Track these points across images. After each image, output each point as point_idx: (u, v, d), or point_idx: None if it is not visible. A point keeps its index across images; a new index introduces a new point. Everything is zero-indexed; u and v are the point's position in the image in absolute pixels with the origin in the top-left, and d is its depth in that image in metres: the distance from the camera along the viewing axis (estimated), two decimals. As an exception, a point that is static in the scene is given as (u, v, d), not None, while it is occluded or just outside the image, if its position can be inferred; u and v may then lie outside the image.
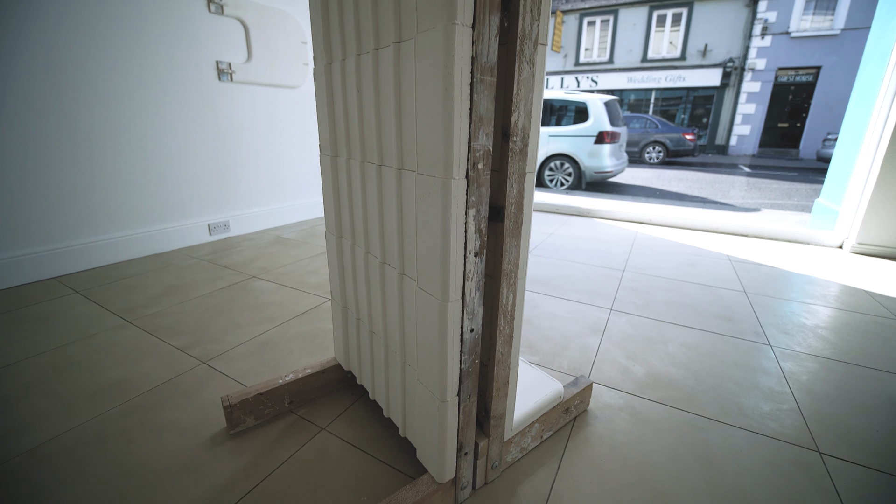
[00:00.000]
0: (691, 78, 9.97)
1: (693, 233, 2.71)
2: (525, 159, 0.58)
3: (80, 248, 1.85)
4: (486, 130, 0.52)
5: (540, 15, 0.52)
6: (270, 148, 2.60)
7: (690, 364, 1.19)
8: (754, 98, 9.47)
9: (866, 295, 1.72)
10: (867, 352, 1.27)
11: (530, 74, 0.53)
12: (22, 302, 1.55)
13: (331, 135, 0.80)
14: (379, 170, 0.66)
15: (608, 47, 10.88)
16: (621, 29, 10.55)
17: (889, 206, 2.22)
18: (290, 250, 2.19)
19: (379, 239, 0.71)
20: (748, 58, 9.37)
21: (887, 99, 2.21)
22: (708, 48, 9.69)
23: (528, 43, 0.52)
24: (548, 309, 1.52)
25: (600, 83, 11.16)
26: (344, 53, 0.70)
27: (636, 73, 10.59)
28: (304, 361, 1.17)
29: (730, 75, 9.61)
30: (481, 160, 0.53)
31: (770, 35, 9.14)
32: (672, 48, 10.19)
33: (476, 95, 0.49)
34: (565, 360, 1.20)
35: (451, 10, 0.45)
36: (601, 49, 11.03)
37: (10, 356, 1.19)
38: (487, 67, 0.49)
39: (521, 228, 0.61)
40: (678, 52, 10.06)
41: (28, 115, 1.65)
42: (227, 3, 2.20)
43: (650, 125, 8.58)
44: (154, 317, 1.43)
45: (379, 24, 0.59)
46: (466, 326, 0.61)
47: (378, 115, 0.64)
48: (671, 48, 10.18)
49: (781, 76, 9.30)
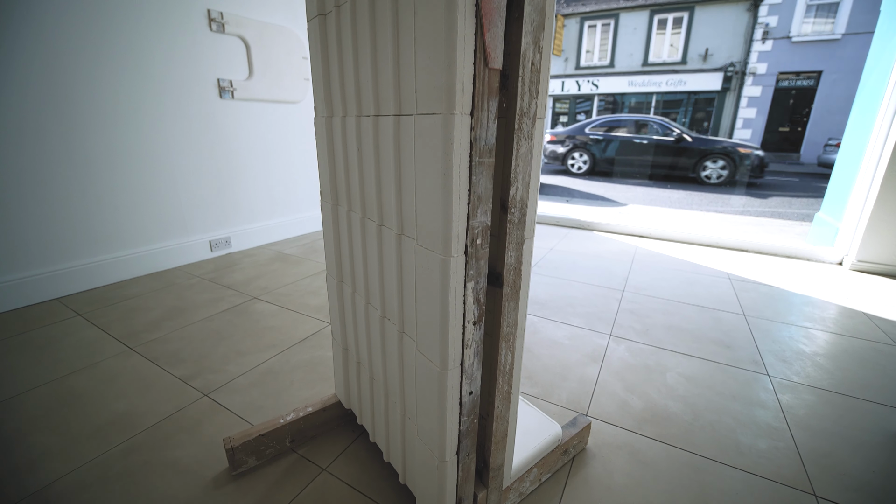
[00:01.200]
0: (692, 82, 9.97)
1: (693, 248, 2.71)
2: (523, 228, 0.59)
3: (82, 269, 1.87)
4: (484, 208, 0.53)
5: (538, 93, 0.53)
6: (271, 163, 2.61)
7: (688, 397, 1.19)
8: (755, 102, 9.46)
9: (864, 318, 1.72)
10: (864, 382, 1.28)
11: (528, 149, 0.54)
12: (26, 325, 1.56)
13: (331, 185, 0.81)
14: (379, 229, 0.67)
15: (609, 51, 10.88)
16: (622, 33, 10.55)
17: (889, 224, 2.23)
18: (290, 268, 2.20)
19: (379, 293, 0.72)
20: (749, 62, 9.36)
21: (887, 117, 2.22)
22: (709, 52, 9.69)
23: (527, 120, 0.53)
24: (547, 335, 1.53)
25: (601, 87, 11.16)
26: (345, 111, 0.71)
27: (637, 76, 10.59)
28: (305, 394, 1.18)
29: (731, 79, 9.60)
30: (480, 236, 0.53)
31: (771, 39, 9.13)
32: (673, 52, 10.19)
33: (475, 177, 0.50)
34: (564, 393, 1.20)
35: (451, 100, 0.45)
36: (602, 53, 11.03)
37: (16, 386, 1.20)
38: (486, 149, 0.50)
39: (519, 292, 0.62)
40: (679, 56, 10.06)
41: (29, 137, 1.66)
42: (228, 21, 2.21)
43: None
44: (156, 343, 1.44)
45: (379, 94, 0.60)
46: (465, 390, 0.61)
47: (378, 178, 0.64)
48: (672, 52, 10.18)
49: (782, 80, 9.29)
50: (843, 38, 8.67)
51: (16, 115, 1.61)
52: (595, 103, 11.85)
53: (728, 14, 9.23)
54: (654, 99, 10.82)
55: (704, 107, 10.23)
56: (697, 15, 9.56)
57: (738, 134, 9.69)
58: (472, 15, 0.44)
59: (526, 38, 0.49)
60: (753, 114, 9.56)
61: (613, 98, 11.50)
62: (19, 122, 1.62)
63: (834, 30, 8.81)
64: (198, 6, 2.09)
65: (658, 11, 9.90)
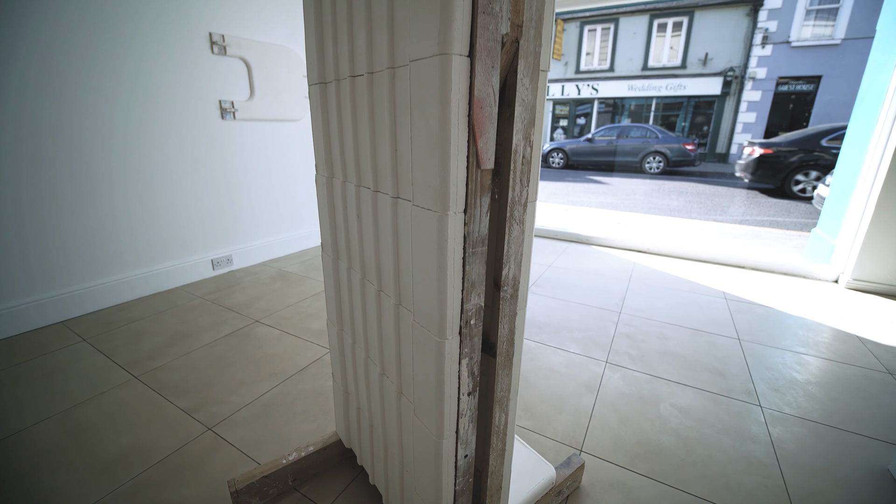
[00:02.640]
0: (692, 86, 9.98)
1: (690, 264, 2.74)
2: (516, 301, 0.61)
3: (85, 292, 1.90)
4: (477, 291, 0.55)
5: (529, 182, 0.55)
6: (272, 181, 2.64)
7: (681, 430, 1.22)
8: (755, 107, 9.47)
9: (858, 341, 1.75)
10: (855, 414, 1.30)
11: (520, 232, 0.57)
12: (33, 351, 1.59)
13: (332, 240, 0.84)
14: (378, 295, 0.70)
15: (609, 55, 10.90)
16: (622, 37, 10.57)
17: (884, 243, 2.25)
18: (291, 287, 2.23)
19: (378, 352, 0.74)
20: (749, 66, 9.38)
21: (883, 135, 2.24)
22: (708, 57, 9.70)
23: (518, 207, 0.55)
24: (544, 362, 1.55)
25: (601, 91, 11.18)
26: (345, 177, 0.74)
27: (637, 81, 10.60)
28: (306, 428, 1.20)
29: (730, 84, 9.62)
30: (473, 317, 0.56)
31: (771, 44, 9.14)
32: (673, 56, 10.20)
33: (468, 266, 0.52)
34: (560, 426, 1.23)
35: (445, 201, 0.48)
36: (602, 57, 11.05)
37: (24, 419, 1.22)
38: (479, 240, 0.53)
39: (512, 360, 0.65)
40: (679, 61, 10.07)
41: (32, 162, 1.69)
42: (229, 44, 2.23)
43: (650, 135, 8.60)
44: (160, 371, 1.47)
45: (378, 173, 0.62)
46: (461, 454, 0.64)
47: (377, 249, 0.67)
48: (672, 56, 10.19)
49: (782, 85, 9.31)
50: (843, 43, 8.68)
51: (19, 140, 1.64)
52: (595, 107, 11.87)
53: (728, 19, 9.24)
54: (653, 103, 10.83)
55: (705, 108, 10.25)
56: (697, 19, 9.57)
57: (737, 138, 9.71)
58: (464, 125, 0.46)
59: (517, 135, 0.51)
60: (753, 118, 9.58)
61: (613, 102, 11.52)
62: (22, 147, 1.65)
63: (833, 34, 8.82)
64: (199, 30, 2.12)
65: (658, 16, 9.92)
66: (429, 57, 0.44)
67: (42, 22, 1.63)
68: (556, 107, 12.38)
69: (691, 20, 9.64)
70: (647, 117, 11.36)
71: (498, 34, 0.45)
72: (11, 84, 1.59)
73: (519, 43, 0.47)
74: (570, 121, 12.49)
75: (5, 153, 1.61)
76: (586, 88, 11.41)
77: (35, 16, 1.61)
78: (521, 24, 0.46)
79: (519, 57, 0.48)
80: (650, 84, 10.49)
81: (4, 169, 1.61)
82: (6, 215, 1.64)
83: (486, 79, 0.45)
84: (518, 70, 0.48)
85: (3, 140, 1.60)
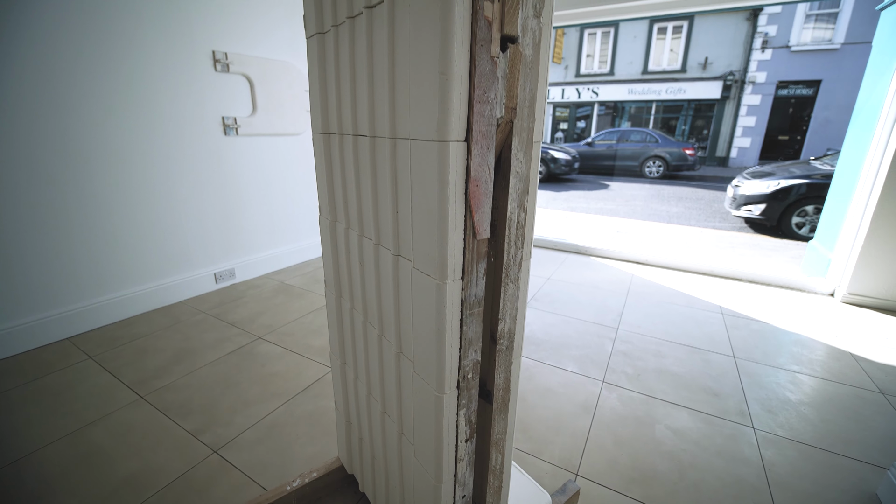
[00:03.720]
0: (692, 90, 10.01)
1: (688, 276, 2.76)
2: (511, 352, 0.64)
3: (92, 308, 1.93)
4: (474, 347, 0.58)
5: (524, 244, 0.58)
6: (273, 194, 2.67)
7: (675, 452, 1.25)
8: (754, 111, 9.50)
9: (851, 359, 1.77)
10: (846, 436, 1.33)
11: (515, 289, 0.60)
12: (41, 370, 1.62)
13: (335, 279, 0.87)
14: (380, 339, 0.73)
15: (609, 59, 10.93)
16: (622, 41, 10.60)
17: (880, 257, 2.28)
18: (293, 301, 2.26)
19: (380, 390, 0.77)
20: (748, 71, 9.41)
21: (878, 149, 2.26)
22: (708, 61, 9.73)
23: (513, 267, 0.58)
24: (542, 381, 1.58)
25: (601, 94, 11.21)
26: (347, 223, 0.77)
27: (637, 84, 10.64)
28: (309, 451, 1.23)
29: (730, 88, 9.65)
30: (471, 370, 0.59)
31: (770, 48, 9.17)
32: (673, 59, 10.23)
33: (466, 326, 0.55)
34: (556, 448, 1.26)
35: (443, 271, 0.51)
36: (602, 61, 11.08)
37: (34, 441, 1.25)
38: (476, 302, 0.55)
39: (508, 405, 0.68)
40: (679, 65, 10.10)
41: (40, 181, 1.72)
42: (232, 61, 2.27)
43: (650, 139, 8.63)
44: (165, 391, 1.50)
45: (380, 233, 0.65)
46: (458, 495, 0.67)
47: (379, 295, 0.70)
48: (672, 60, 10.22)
49: (782, 89, 9.33)
50: (843, 47, 8.70)
51: (24, 158, 1.67)
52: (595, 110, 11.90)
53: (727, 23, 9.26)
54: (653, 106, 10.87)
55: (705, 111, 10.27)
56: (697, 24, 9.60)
57: (737, 142, 9.74)
58: (461, 201, 0.49)
59: (511, 203, 0.54)
60: (753, 122, 9.60)
61: (614, 105, 11.55)
62: (28, 164, 1.68)
63: (833, 39, 8.84)
64: (203, 48, 2.15)
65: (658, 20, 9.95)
66: (428, 140, 0.47)
67: (49, 42, 1.66)
68: (556, 110, 12.41)
69: (691, 24, 9.67)
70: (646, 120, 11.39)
71: (493, 119, 0.48)
72: (18, 101, 1.62)
73: (513, 123, 0.50)
74: (570, 124, 12.52)
75: (11, 171, 1.64)
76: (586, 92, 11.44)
77: (42, 34, 1.64)
78: (515, 107, 0.49)
79: (513, 134, 0.51)
80: (650, 88, 10.52)
81: (11, 187, 1.64)
82: (13, 233, 1.67)
83: (482, 160, 0.48)
84: (513, 146, 0.51)
85: (9, 158, 1.63)
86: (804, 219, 4.22)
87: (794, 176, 4.24)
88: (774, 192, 4.24)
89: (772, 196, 4.25)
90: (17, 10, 1.57)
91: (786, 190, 4.18)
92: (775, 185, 4.25)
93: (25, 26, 1.60)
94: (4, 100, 1.59)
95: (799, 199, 4.15)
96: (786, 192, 4.17)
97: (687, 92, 10.17)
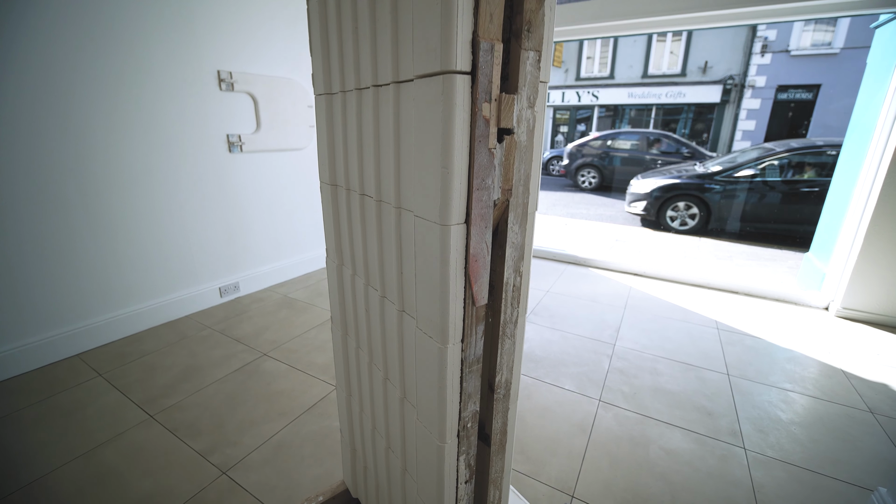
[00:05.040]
0: (691, 94, 10.05)
1: (685, 289, 2.80)
2: (508, 399, 0.69)
3: (100, 326, 1.97)
4: (473, 400, 0.62)
5: (519, 304, 0.62)
6: (277, 208, 2.71)
7: (668, 474, 1.29)
8: (754, 115, 9.54)
9: (843, 377, 1.82)
10: (834, 456, 1.37)
11: (511, 345, 0.64)
12: (51, 388, 1.67)
13: (341, 313, 0.91)
14: (385, 382, 0.77)
15: (609, 63, 10.96)
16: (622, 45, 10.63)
17: (874, 272, 2.31)
18: (297, 316, 2.31)
19: (384, 427, 0.82)
20: (748, 75, 9.44)
21: (872, 165, 2.29)
22: (708, 65, 9.77)
23: (510, 325, 0.63)
24: (540, 400, 1.63)
25: (601, 98, 11.25)
26: (353, 270, 0.81)
27: (637, 88, 10.67)
28: (315, 472, 1.28)
29: (730, 92, 9.69)
30: (470, 420, 0.63)
31: (770, 53, 9.20)
32: (673, 63, 10.27)
33: (465, 383, 0.60)
34: (553, 470, 1.30)
35: (444, 336, 0.55)
36: (602, 64, 11.11)
37: (49, 461, 1.30)
38: (475, 360, 0.60)
39: (505, 447, 0.72)
40: (679, 69, 10.14)
41: (49, 203, 1.76)
42: (237, 80, 2.31)
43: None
44: (174, 410, 1.55)
45: (385, 283, 0.69)
46: (458, 531, 0.71)
47: (384, 342, 0.74)
48: (672, 64, 10.26)
49: (781, 93, 9.37)
50: (842, 52, 8.73)
51: (34, 180, 1.71)
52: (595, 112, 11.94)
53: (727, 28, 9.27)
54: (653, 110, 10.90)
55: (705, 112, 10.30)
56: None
57: (737, 146, 9.77)
58: (461, 274, 0.53)
59: (508, 270, 0.59)
60: (752, 126, 9.64)
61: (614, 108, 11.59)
62: (36, 187, 1.73)
63: (833, 43, 8.88)
64: (207, 68, 2.19)
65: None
66: (430, 221, 0.52)
67: (59, 64, 1.70)
68: (556, 113, 12.45)
69: (691, 28, 9.68)
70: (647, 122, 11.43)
71: (490, 201, 0.52)
72: (27, 122, 1.66)
73: (509, 201, 0.54)
74: (570, 126, 12.55)
75: (21, 193, 1.68)
76: (586, 95, 11.48)
77: (53, 56, 1.68)
78: (511, 188, 0.53)
79: (509, 210, 0.55)
80: (650, 91, 10.55)
81: (22, 208, 1.69)
82: (23, 252, 1.71)
83: (481, 237, 0.53)
84: (509, 220, 0.55)
85: (19, 180, 1.67)
86: (677, 213, 4.91)
87: (671, 177, 4.99)
88: (652, 190, 4.95)
89: (650, 194, 4.97)
90: (28, 32, 1.61)
91: (662, 188, 4.90)
92: (653, 184, 4.98)
93: (36, 45, 1.64)
94: (12, 121, 1.63)
95: (671, 197, 4.88)
96: (663, 191, 4.91)
97: (687, 96, 10.21)
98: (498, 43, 0.46)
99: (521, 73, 0.49)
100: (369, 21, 0.57)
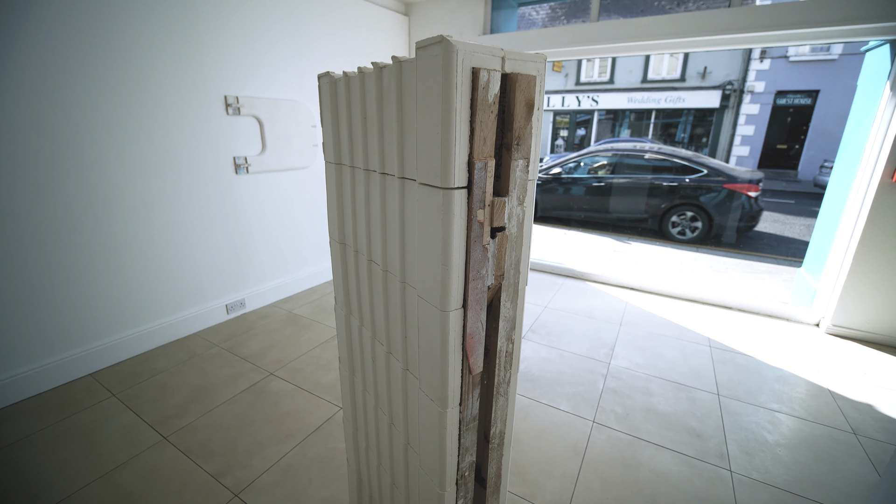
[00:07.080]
0: (691, 99, 10.11)
1: (680, 304, 2.87)
2: (502, 447, 0.75)
3: (111, 345, 2.04)
4: (470, 452, 0.69)
5: (511, 365, 0.69)
6: (281, 226, 2.78)
7: (657, 497, 1.36)
8: (753, 120, 9.60)
9: (829, 397, 1.88)
10: (816, 479, 1.44)
11: (505, 402, 0.71)
12: (67, 409, 1.74)
13: (349, 359, 0.98)
14: (390, 427, 0.84)
15: (609, 67, 11.02)
16: (622, 49, 10.70)
17: (863, 290, 2.38)
18: (302, 333, 2.38)
19: (389, 466, 0.89)
20: (747, 80, 9.50)
21: (862, 184, 2.35)
22: (707, 70, 9.83)
23: (503, 385, 0.69)
24: (536, 422, 1.69)
25: (601, 103, 11.31)
26: (361, 321, 0.88)
27: (636, 93, 10.73)
28: (322, 494, 1.35)
29: (729, 97, 9.74)
30: (468, 470, 0.70)
31: (769, 58, 9.26)
32: (672, 69, 10.33)
33: (462, 439, 0.66)
34: (548, 493, 1.37)
35: (443, 402, 0.62)
36: (602, 69, 11.17)
37: (68, 485, 1.37)
38: (471, 419, 0.67)
39: (500, 489, 0.79)
40: (678, 74, 10.20)
41: (61, 229, 1.83)
42: (243, 104, 2.38)
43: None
44: (186, 431, 1.62)
45: (391, 343, 0.76)
46: (457, 566, 0.78)
47: (389, 390, 0.81)
48: (671, 69, 10.32)
49: (780, 98, 9.42)
50: (840, 58, 8.79)
51: (46, 206, 1.79)
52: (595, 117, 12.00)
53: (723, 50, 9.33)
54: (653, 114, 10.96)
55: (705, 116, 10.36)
56: (696, 33, 9.66)
57: (736, 150, 9.83)
58: (459, 350, 0.60)
59: (501, 339, 0.65)
60: (752, 131, 9.70)
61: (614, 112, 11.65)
62: (48, 213, 1.80)
63: (831, 49, 8.92)
64: (215, 93, 2.26)
65: (657, 28, 10.02)
66: (432, 305, 0.58)
67: (72, 90, 1.77)
68: (556, 117, 12.51)
69: (690, 34, 9.75)
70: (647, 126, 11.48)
71: (485, 287, 0.59)
72: (44, 148, 1.73)
73: (501, 283, 0.61)
74: (570, 130, 12.62)
75: (33, 218, 1.75)
76: (586, 100, 11.54)
77: (65, 83, 1.75)
78: (503, 273, 0.60)
79: (502, 290, 0.62)
80: (650, 96, 10.61)
81: (34, 233, 1.76)
82: (37, 276, 1.78)
83: (476, 318, 0.59)
84: (501, 298, 0.62)
85: (34, 206, 1.74)
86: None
87: None
88: None
89: None
90: (38, 56, 1.68)
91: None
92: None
93: (47, 71, 1.71)
94: (30, 150, 1.70)
95: None
96: None
97: (686, 101, 10.26)
98: (491, 160, 0.53)
99: (512, 178, 0.56)
100: (377, 120, 0.64)
